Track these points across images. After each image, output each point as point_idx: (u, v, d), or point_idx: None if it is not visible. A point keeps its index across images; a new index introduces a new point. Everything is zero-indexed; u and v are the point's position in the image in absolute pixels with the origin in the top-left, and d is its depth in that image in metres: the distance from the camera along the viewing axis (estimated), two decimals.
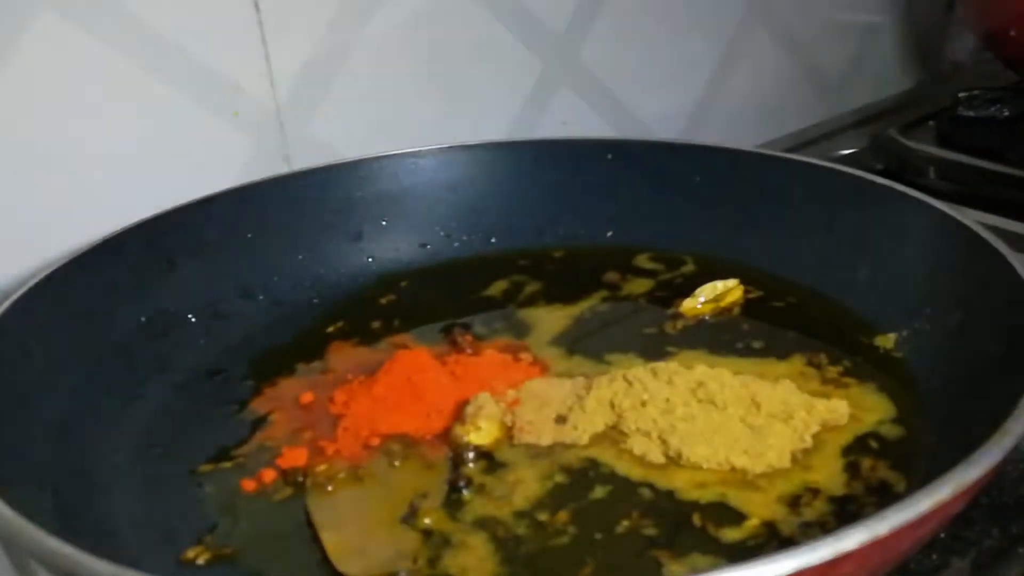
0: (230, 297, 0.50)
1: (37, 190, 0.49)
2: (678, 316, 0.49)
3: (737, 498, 0.35)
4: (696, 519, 0.34)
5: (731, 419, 0.38)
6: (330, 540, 0.34)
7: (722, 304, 0.49)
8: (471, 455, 0.38)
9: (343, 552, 0.34)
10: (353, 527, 0.35)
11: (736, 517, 0.34)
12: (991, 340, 0.38)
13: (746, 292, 0.50)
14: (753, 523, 0.34)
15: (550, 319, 0.49)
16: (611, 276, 0.53)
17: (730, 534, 0.33)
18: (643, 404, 0.39)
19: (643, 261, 0.54)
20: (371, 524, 0.35)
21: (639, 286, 0.52)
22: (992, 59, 0.80)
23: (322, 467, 0.38)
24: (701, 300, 0.49)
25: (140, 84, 0.51)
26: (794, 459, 0.37)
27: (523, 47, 0.65)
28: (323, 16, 0.56)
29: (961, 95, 0.71)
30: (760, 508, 0.34)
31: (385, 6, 0.58)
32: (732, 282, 0.50)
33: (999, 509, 0.36)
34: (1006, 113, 0.69)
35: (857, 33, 0.86)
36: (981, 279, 0.40)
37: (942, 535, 0.34)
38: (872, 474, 0.36)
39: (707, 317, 0.48)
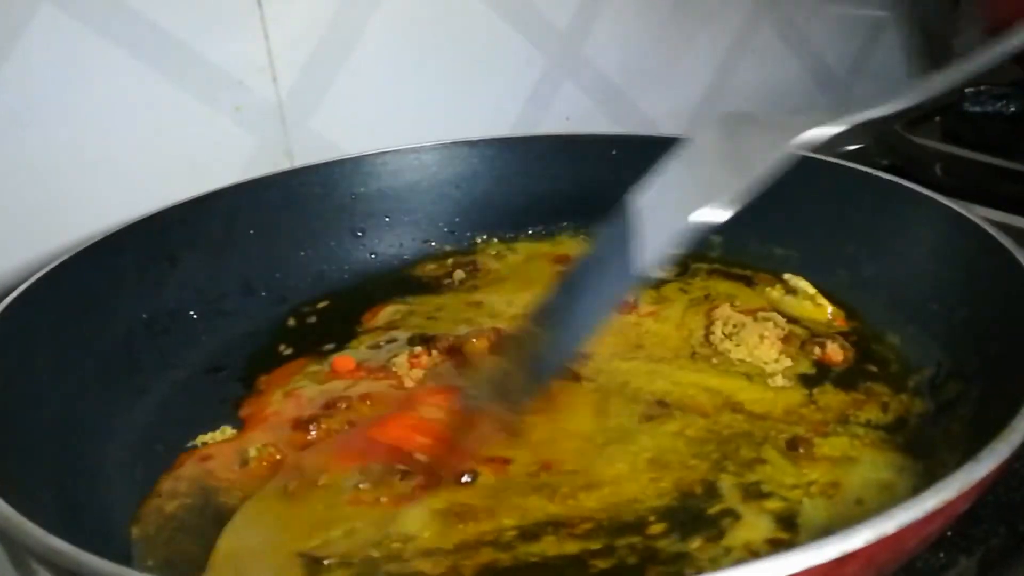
0: (232, 294, 0.50)
1: (38, 186, 0.49)
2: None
3: None
4: None
5: None
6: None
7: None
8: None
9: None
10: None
11: None
12: (998, 336, 0.38)
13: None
14: None
15: None
16: None
17: None
18: None
19: None
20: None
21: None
22: None
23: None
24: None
25: (141, 79, 0.51)
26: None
27: (526, 42, 0.65)
28: (325, 11, 0.56)
29: (967, 91, 0.71)
30: None
31: (387, 1, 0.58)
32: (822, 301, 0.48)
33: (1006, 507, 0.35)
34: (1012, 109, 0.69)
35: (863, 28, 0.86)
36: (987, 275, 0.40)
37: (949, 533, 0.34)
38: None
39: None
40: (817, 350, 0.43)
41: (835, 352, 0.43)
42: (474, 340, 0.44)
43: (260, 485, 0.37)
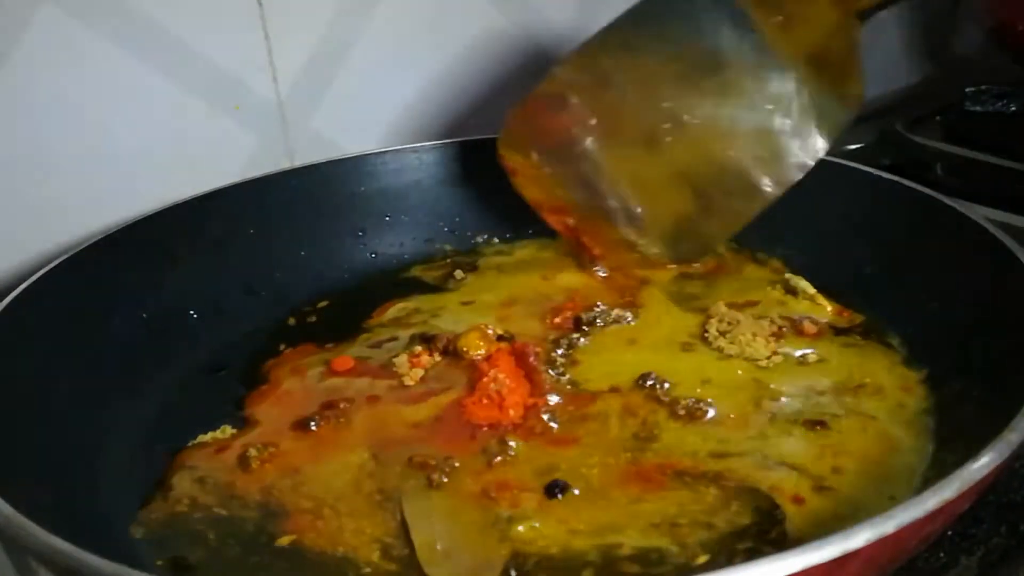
0: (232, 293, 0.50)
1: (39, 186, 0.49)
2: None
3: None
4: None
5: None
6: (419, 539, 0.34)
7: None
8: None
9: (430, 554, 0.33)
10: (443, 529, 0.34)
11: None
12: (999, 336, 0.38)
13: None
14: None
15: None
16: None
17: None
18: None
19: None
20: (462, 529, 0.34)
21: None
22: (1000, 54, 0.80)
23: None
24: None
25: (142, 79, 0.51)
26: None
27: (527, 41, 0.65)
28: (326, 10, 0.56)
29: (968, 90, 0.71)
30: None
31: (387, 1, 0.58)
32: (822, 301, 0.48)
33: (1007, 507, 0.35)
34: (1013, 108, 0.69)
35: (863, 28, 0.86)
36: (988, 275, 0.40)
37: (949, 533, 0.34)
38: None
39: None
40: (793, 327, 0.45)
41: (809, 327, 0.45)
42: (467, 336, 0.44)
43: (261, 484, 0.37)
